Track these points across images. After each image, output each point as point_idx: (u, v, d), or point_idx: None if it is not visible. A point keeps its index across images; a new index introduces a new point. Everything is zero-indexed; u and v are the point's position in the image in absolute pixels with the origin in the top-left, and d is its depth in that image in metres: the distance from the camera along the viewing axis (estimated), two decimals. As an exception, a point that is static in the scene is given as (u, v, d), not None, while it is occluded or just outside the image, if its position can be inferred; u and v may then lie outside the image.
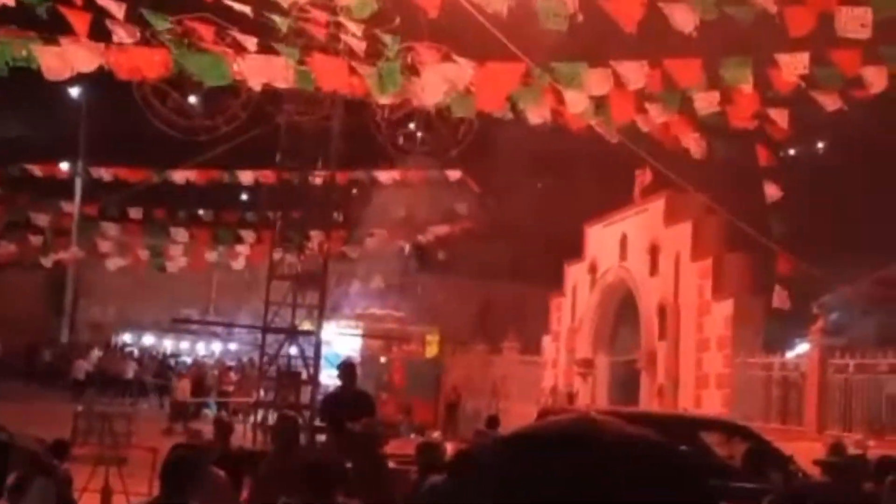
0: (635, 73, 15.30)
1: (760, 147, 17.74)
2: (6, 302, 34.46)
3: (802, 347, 22.22)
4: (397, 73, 15.68)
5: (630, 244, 27.26)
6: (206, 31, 15.49)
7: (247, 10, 16.11)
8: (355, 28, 16.33)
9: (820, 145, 37.82)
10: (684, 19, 13.72)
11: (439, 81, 15.56)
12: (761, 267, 21.95)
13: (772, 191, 18.13)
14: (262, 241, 28.65)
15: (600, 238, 29.15)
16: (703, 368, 23.52)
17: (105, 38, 14.56)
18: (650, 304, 25.78)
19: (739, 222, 21.78)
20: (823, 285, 22.40)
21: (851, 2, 13.53)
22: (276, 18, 16.62)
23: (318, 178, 25.54)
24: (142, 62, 14.68)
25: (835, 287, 22.63)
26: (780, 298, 19.84)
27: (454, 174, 28.91)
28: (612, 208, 28.39)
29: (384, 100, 16.73)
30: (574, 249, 30.69)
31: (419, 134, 23.32)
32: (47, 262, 30.46)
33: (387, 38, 16.15)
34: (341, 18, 17.74)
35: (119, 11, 14.49)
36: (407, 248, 33.19)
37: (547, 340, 32.25)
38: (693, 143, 17.18)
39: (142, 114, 21.69)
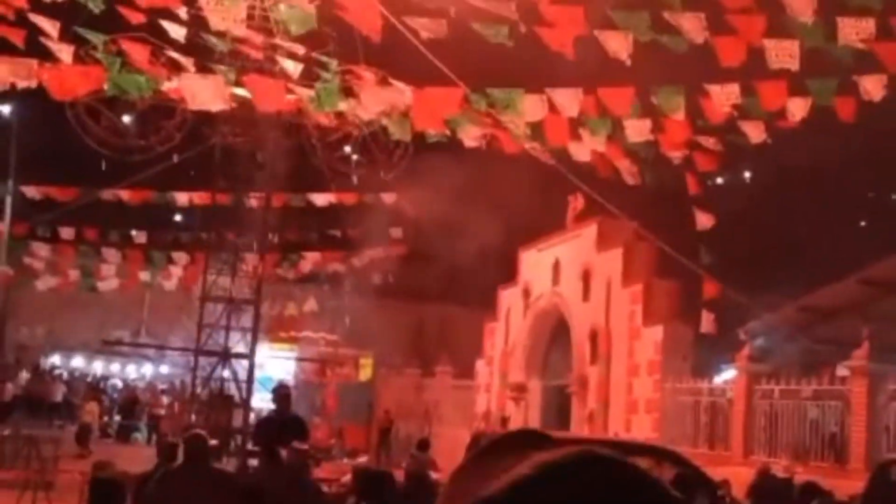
0: (570, 99, 15.59)
1: (690, 175, 18.12)
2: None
3: (729, 373, 22.60)
4: (335, 93, 15.78)
5: (563, 269, 27.53)
6: (141, 51, 15.46)
7: (182, 30, 16.13)
8: (292, 49, 16.42)
9: (747, 174, 38.63)
10: (619, 47, 14.01)
11: (377, 103, 15.69)
12: (691, 293, 22.32)
13: (702, 219, 18.52)
14: (195, 263, 28.42)
15: (534, 262, 29.40)
16: (633, 393, 23.79)
17: (39, 55, 14.48)
18: (582, 329, 26.05)
19: (669, 249, 22.16)
20: (750, 312, 22.86)
21: (780, 34, 13.94)
22: (213, 39, 16.64)
23: (253, 200, 25.47)
24: (76, 80, 14.60)
25: (760, 313, 23.10)
26: (707, 324, 20.25)
27: (389, 197, 28.99)
28: (546, 233, 28.67)
29: (322, 118, 16.78)
30: (508, 274, 30.90)
31: (355, 157, 23.40)
32: (-26, 281, 29.95)
33: (324, 60, 16.26)
34: (278, 40, 17.81)
35: (54, 29, 14.42)
36: (340, 270, 33.13)
37: (480, 364, 32.38)
38: (625, 170, 17.50)
39: (75, 132, 21.48)
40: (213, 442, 19.53)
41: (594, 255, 25.89)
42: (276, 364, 32.51)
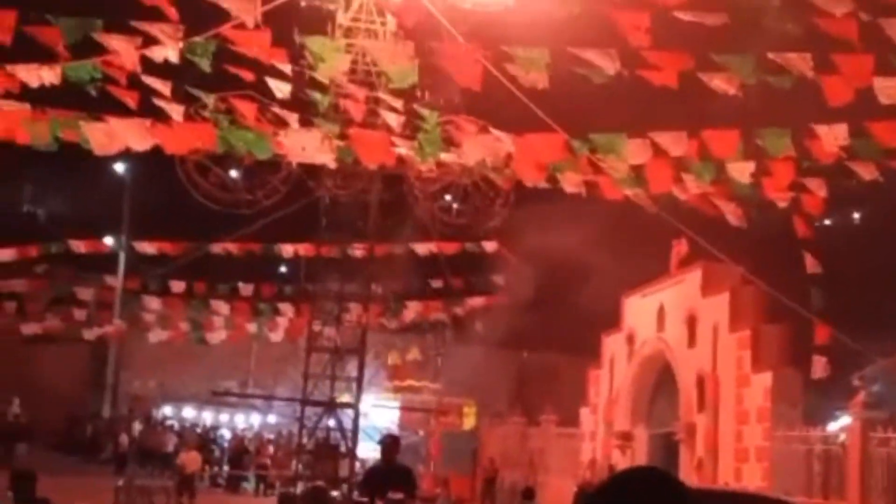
0: (674, 142, 15.45)
1: (798, 217, 17.77)
2: (49, 376, 34.75)
3: (843, 420, 21.94)
4: (436, 144, 15.94)
5: (668, 315, 27.16)
6: (248, 108, 15.88)
7: (287, 87, 16.51)
8: (394, 102, 16.66)
9: (856, 215, 37.73)
10: (724, 85, 13.88)
11: (477, 152, 15.80)
12: (800, 338, 21.81)
13: (811, 262, 18.13)
14: (300, 314, 28.83)
15: (638, 308, 29.07)
16: (742, 441, 23.25)
17: (152, 115, 14.97)
18: (688, 376, 25.60)
19: (777, 293, 21.72)
20: (863, 357, 22.22)
21: (889, 72, 13.65)
22: (317, 95, 17.01)
23: (356, 251, 25.80)
24: (187, 138, 15.05)
25: (875, 358, 22.43)
26: (819, 369, 19.73)
27: (491, 245, 29.07)
28: (649, 279, 28.35)
29: (424, 167, 16.93)
30: (611, 320, 30.61)
31: (456, 206, 23.57)
32: (90, 335, 30.83)
33: (425, 112, 16.45)
34: (380, 94, 18.09)
35: (165, 89, 14.91)
36: (443, 319, 33.25)
37: (585, 412, 32.02)
38: (730, 214, 17.23)
39: (184, 188, 22.11)
40: (335, 493, 19.72)
41: (699, 301, 25.49)
42: (380, 413, 32.66)
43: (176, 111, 15.07)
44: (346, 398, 24.57)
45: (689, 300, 25.96)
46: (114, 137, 14.56)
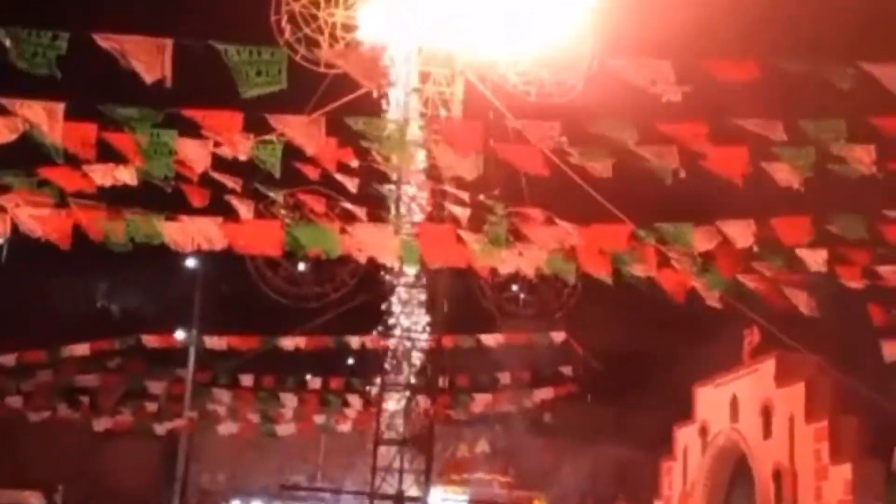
0: (742, 231, 15.30)
1: (873, 304, 17.42)
2: (120, 471, 35.00)
3: (930, 512, 21.20)
4: (503, 237, 15.96)
5: (741, 406, 26.67)
6: (316, 203, 16.09)
7: (355, 182, 16.73)
8: (460, 195, 16.77)
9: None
10: (788, 178, 13.77)
11: (544, 244, 15.78)
12: (881, 429, 21.25)
13: (889, 350, 17.70)
14: (368, 406, 28.81)
15: (710, 399, 28.57)
16: (824, 536, 22.56)
17: (223, 212, 15.25)
18: (765, 468, 25.00)
19: (854, 382, 21.22)
20: (948, 447, 21.52)
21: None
22: (384, 189, 17.21)
23: (424, 343, 25.81)
24: (257, 236, 15.25)
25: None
26: (902, 461, 19.11)
27: (558, 336, 28.88)
28: (721, 369, 27.92)
29: (492, 263, 16.94)
30: (683, 411, 30.11)
31: (523, 297, 23.53)
32: (161, 429, 31.10)
33: (491, 204, 16.53)
34: (446, 187, 18.25)
35: (236, 186, 15.17)
36: (512, 411, 32.94)
37: (658, 506, 31.37)
38: (802, 303, 16.93)
39: (254, 282, 22.43)
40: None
41: (774, 391, 25.02)
42: (449, 507, 32.23)
43: (245, 208, 15.31)
44: (414, 491, 24.33)
45: (764, 391, 25.50)
46: (187, 236, 14.83)
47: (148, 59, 10.81)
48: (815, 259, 15.58)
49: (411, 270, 23.86)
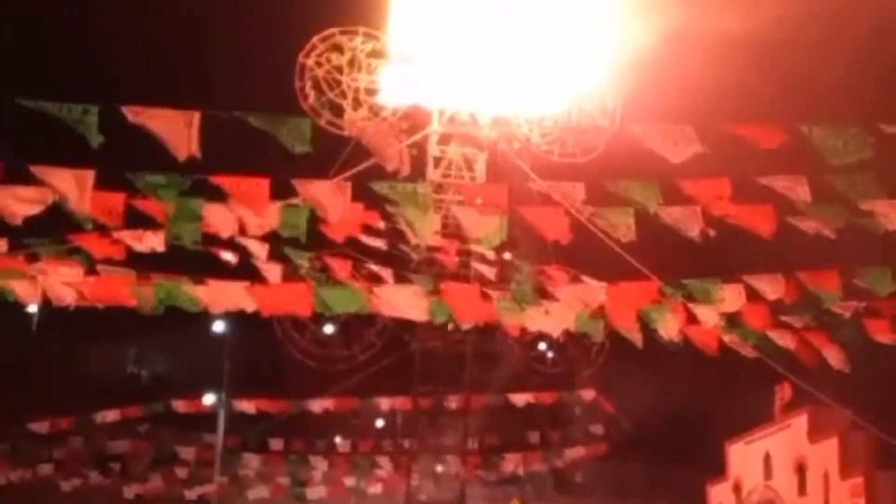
0: (770, 285, 15.25)
1: (905, 358, 17.25)
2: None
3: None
4: (529, 296, 15.97)
5: (774, 462, 26.34)
6: (342, 265, 16.18)
7: (381, 243, 16.84)
8: (486, 254, 16.83)
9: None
10: (815, 230, 13.73)
11: (571, 303, 15.77)
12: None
13: (923, 403, 17.50)
14: (398, 467, 28.67)
15: (743, 456, 28.24)
16: None
17: (250, 276, 15.36)
18: (802, 525, 24.63)
19: (889, 437, 20.93)
20: None
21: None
22: (409, 250, 17.29)
23: (452, 403, 25.73)
24: (285, 299, 15.36)
25: None
26: (941, 516, 18.79)
27: (588, 394, 28.74)
28: (754, 425, 27.64)
29: (518, 319, 16.92)
30: (716, 468, 29.77)
31: (551, 355, 23.47)
32: (192, 495, 31.03)
33: (518, 263, 16.58)
34: (471, 246, 18.31)
35: (262, 251, 15.30)
36: (542, 470, 32.68)
37: (694, 565, 30.89)
38: (833, 356, 16.80)
39: (282, 345, 22.50)
40: None
41: (807, 447, 24.71)
42: (481, 569, 31.84)
43: (273, 272, 15.43)
44: (446, 555, 24.12)
45: (797, 447, 25.19)
46: (215, 300, 14.96)
47: (176, 135, 11.00)
48: (846, 311, 15.49)
49: (440, 328, 23.85)
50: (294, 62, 22.76)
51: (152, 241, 13.84)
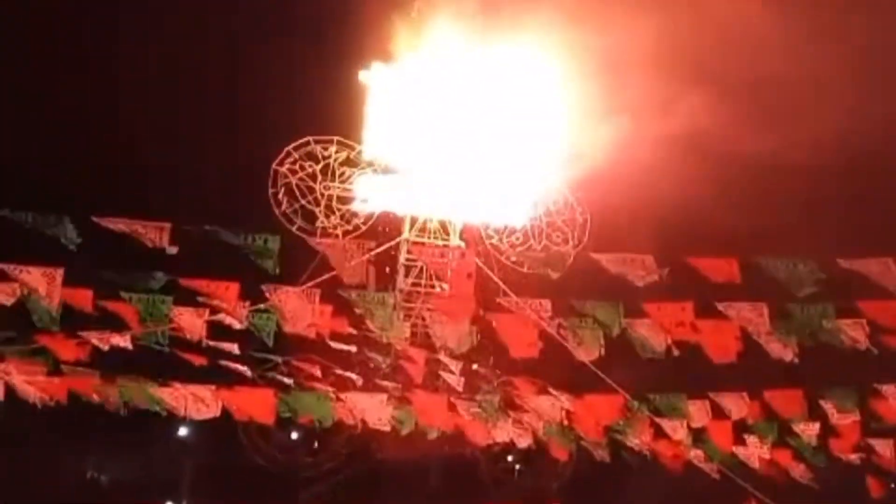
0: (735, 403, 15.37)
1: (870, 476, 17.29)
2: None
3: None
4: (496, 407, 15.99)
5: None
6: (310, 371, 16.16)
7: (350, 349, 16.84)
8: (453, 365, 16.84)
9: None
10: (782, 351, 13.89)
11: (537, 413, 15.80)
12: None
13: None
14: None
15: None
16: None
17: (217, 379, 15.28)
18: None
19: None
20: None
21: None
22: (378, 357, 17.30)
23: (418, 515, 25.34)
24: (250, 403, 15.28)
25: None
26: None
27: (555, 508, 28.34)
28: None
29: (485, 430, 16.91)
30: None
31: (518, 467, 23.26)
32: None
33: (484, 372, 16.61)
34: (440, 356, 18.32)
35: (232, 349, 15.25)
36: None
37: None
38: (798, 475, 16.84)
39: (245, 450, 22.18)
40: None
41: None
42: None
43: (241, 375, 15.38)
44: None
45: (764, 565, 24.92)
46: (180, 403, 14.86)
47: (150, 239, 11.17)
48: (809, 432, 15.59)
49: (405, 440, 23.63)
50: (268, 169, 22.98)
51: (119, 341, 13.81)
